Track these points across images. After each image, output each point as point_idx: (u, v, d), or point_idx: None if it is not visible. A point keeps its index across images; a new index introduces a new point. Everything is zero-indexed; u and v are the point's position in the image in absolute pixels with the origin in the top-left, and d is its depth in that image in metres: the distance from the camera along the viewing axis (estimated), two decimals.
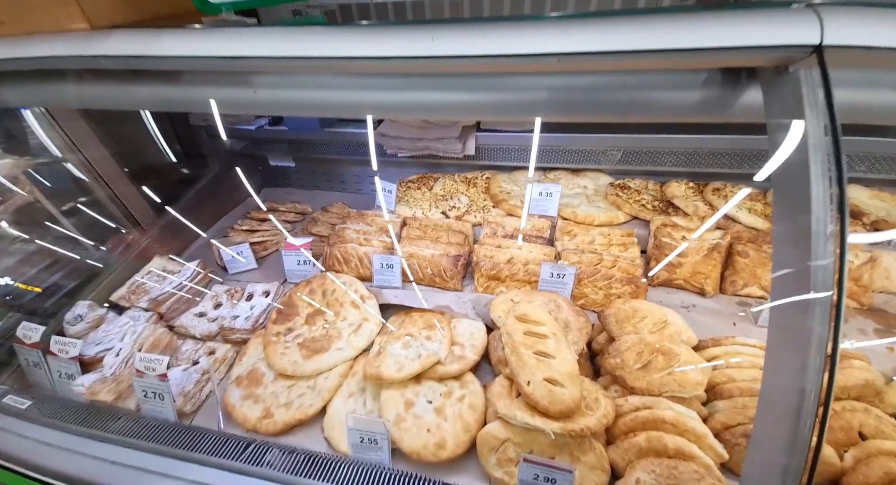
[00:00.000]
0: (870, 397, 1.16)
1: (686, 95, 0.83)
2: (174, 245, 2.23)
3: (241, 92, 1.15)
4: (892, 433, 1.07)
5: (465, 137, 2.04)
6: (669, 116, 0.86)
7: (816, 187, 0.63)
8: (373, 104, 1.13)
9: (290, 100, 1.13)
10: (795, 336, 0.61)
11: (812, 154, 0.64)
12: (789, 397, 0.61)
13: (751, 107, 0.80)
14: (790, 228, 0.67)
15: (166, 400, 1.30)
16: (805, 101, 0.66)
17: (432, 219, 2.04)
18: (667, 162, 2.01)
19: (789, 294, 0.66)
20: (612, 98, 0.91)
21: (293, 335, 1.56)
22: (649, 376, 1.19)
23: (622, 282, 1.52)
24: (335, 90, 1.12)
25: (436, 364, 1.34)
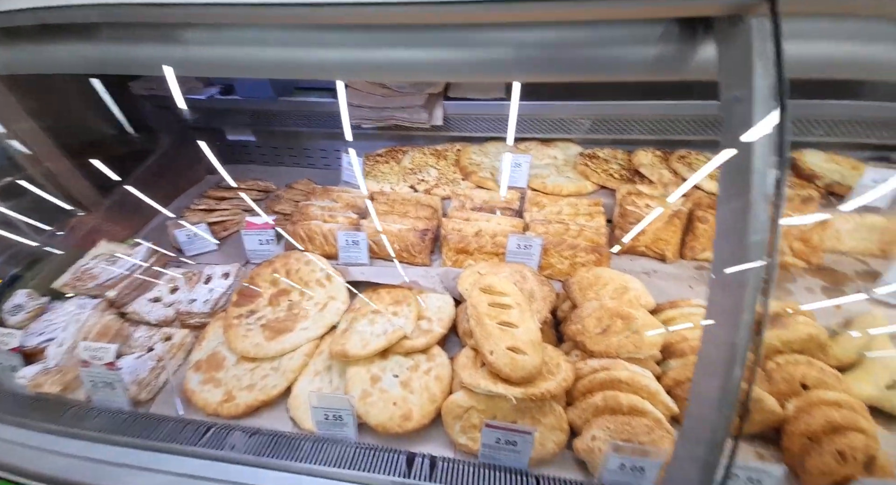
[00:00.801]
0: (813, 350, 1.23)
1: (645, 51, 0.78)
2: (124, 228, 2.07)
3: (169, 49, 1.02)
4: (835, 384, 1.14)
5: (432, 106, 1.94)
6: (630, 74, 0.82)
7: (759, 149, 0.61)
8: (327, 63, 1.03)
9: (228, 58, 1.01)
10: (731, 294, 0.62)
11: (756, 113, 0.62)
12: (723, 351, 0.62)
13: (708, 63, 0.76)
14: (732, 189, 0.66)
15: (117, 389, 1.24)
16: (755, 55, 0.63)
17: (400, 193, 1.98)
18: (635, 130, 1.99)
19: (728, 255, 0.66)
20: (572, 55, 0.86)
21: (256, 317, 1.50)
22: (608, 339, 1.22)
23: (586, 251, 1.53)
24: (280, 47, 1.01)
25: (402, 339, 1.33)
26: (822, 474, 0.98)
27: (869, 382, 1.17)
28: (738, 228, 0.61)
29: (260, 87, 2.02)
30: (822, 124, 1.71)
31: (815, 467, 1.00)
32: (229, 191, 2.22)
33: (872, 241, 1.56)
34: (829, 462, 0.98)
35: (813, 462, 1.00)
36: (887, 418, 1.17)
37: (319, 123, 2.24)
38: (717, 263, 0.67)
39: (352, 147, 2.27)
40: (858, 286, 1.43)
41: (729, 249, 0.63)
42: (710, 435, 0.64)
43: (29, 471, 1.09)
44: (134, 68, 1.14)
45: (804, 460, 1.02)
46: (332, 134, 2.37)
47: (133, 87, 2.21)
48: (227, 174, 2.42)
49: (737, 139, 0.62)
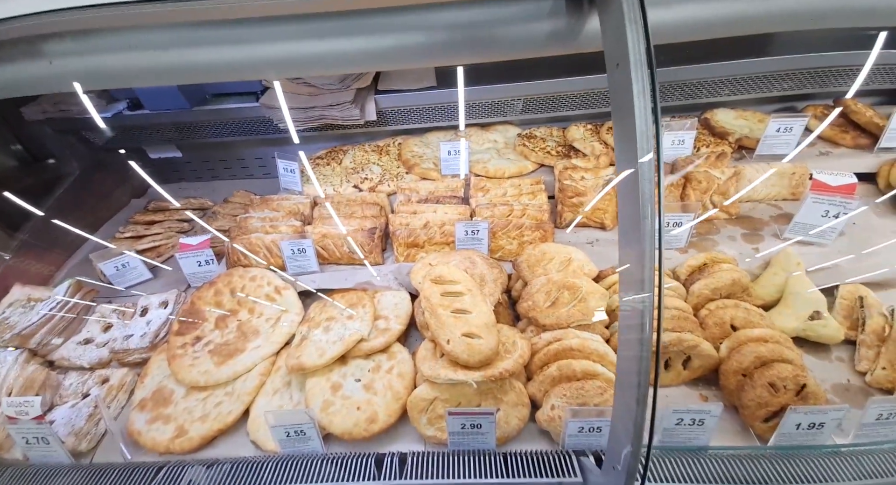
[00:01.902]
0: (738, 293, 1.35)
1: (537, 27, 0.80)
2: (40, 269, 1.87)
3: (32, 66, 0.90)
4: (759, 322, 1.26)
5: (362, 101, 1.89)
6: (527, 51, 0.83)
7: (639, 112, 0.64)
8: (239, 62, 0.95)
9: (101, 68, 0.91)
10: (634, 249, 0.66)
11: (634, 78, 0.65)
12: (635, 303, 0.67)
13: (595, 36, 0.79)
14: (623, 153, 0.69)
15: (52, 443, 1.13)
16: (626, 21, 0.65)
17: (345, 194, 1.92)
18: (566, 106, 2.04)
19: (626, 214, 0.70)
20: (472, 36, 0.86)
21: (202, 343, 1.42)
22: (557, 311, 1.27)
23: (532, 229, 1.57)
24: (173, 48, 0.92)
25: (360, 342, 1.31)
26: (759, 406, 1.09)
27: (792, 316, 1.30)
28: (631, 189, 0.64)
29: (169, 97, 1.86)
30: (728, 84, 1.84)
31: (751, 401, 1.10)
32: (158, 213, 2.06)
33: (783, 186, 1.72)
34: (762, 394, 1.09)
35: (748, 396, 1.11)
36: (814, 346, 1.31)
37: (248, 130, 2.12)
38: (621, 223, 0.71)
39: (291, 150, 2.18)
40: (774, 229, 1.57)
41: (627, 209, 0.67)
42: (635, 383, 0.69)
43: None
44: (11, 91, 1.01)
45: (740, 395, 1.13)
46: (267, 140, 2.25)
47: (26, 112, 1.97)
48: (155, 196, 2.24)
49: (620, 105, 0.65)
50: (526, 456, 1.09)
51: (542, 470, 1.04)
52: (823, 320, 1.26)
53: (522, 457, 1.09)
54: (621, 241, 0.71)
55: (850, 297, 1.32)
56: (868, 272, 1.38)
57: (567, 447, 1.10)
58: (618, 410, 0.81)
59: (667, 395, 1.23)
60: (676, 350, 1.20)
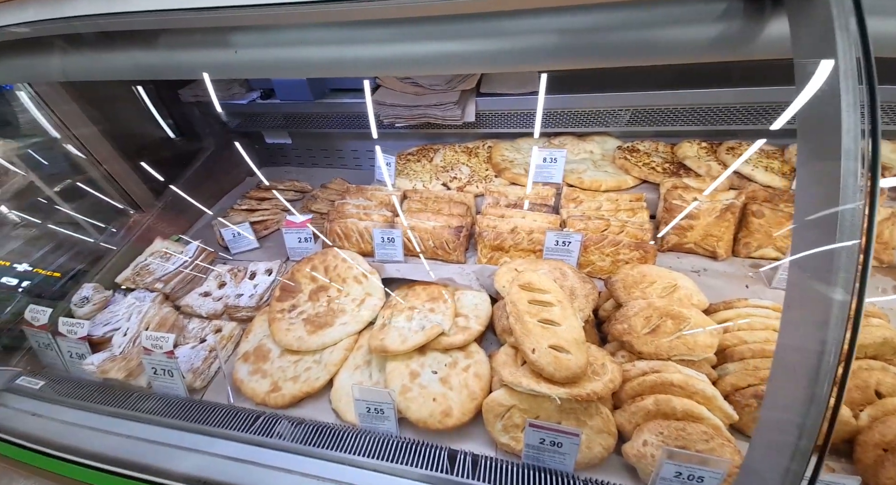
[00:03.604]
0: (888, 355, 1.12)
1: (705, 30, 0.74)
2: (175, 227, 2.21)
3: (220, 53, 1.07)
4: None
5: (465, 103, 1.93)
6: (686, 56, 0.77)
7: (847, 129, 0.55)
8: (363, 60, 1.04)
9: (274, 59, 1.05)
10: (815, 291, 0.57)
11: (844, 93, 0.56)
12: (806, 355, 0.57)
13: (776, 41, 0.71)
14: (815, 177, 0.60)
15: (175, 377, 1.32)
16: (836, 30, 0.57)
17: (433, 191, 1.98)
18: (678, 121, 1.89)
19: (811, 246, 0.60)
20: (621, 39, 0.83)
21: (297, 312, 1.55)
22: (657, 340, 1.16)
23: (630, 247, 1.47)
24: (321, 46, 1.04)
25: (440, 335, 1.33)
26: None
27: None
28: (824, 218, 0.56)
29: (298, 90, 2.08)
30: (888, 111, 1.56)
31: (889, 479, 0.90)
32: (268, 191, 2.32)
33: None
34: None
35: (888, 474, 0.91)
36: None
37: (351, 124, 2.29)
38: (798, 255, 0.62)
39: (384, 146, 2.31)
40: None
41: (812, 239, 0.58)
42: (792, 447, 0.59)
43: (92, 452, 1.17)
44: (186, 73, 1.21)
45: (879, 472, 0.93)
46: (363, 134, 2.42)
47: (182, 94, 2.35)
48: (265, 176, 2.54)
49: (816, 124, 0.57)
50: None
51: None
52: None
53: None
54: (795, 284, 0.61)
55: None
56: None
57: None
58: (751, 471, 0.70)
59: None
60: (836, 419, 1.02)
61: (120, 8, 1.00)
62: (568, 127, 2.06)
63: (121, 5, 0.99)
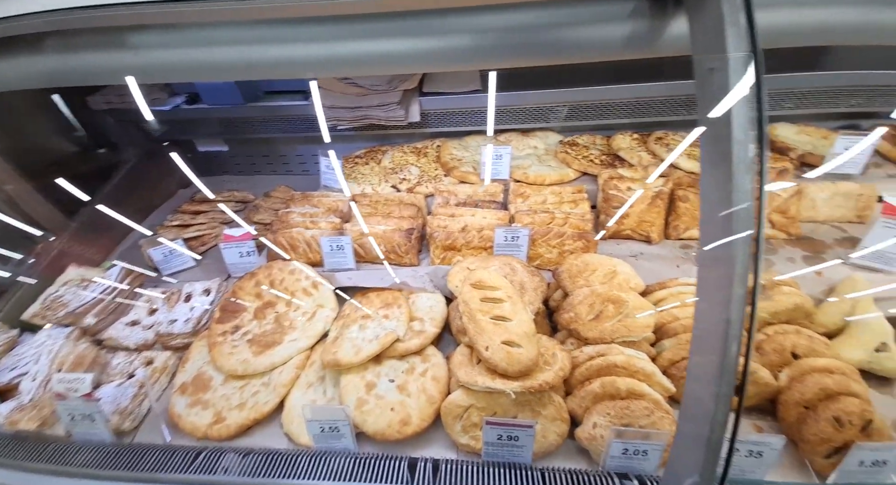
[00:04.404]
0: (800, 319, 1.25)
1: (616, 29, 0.77)
2: (95, 250, 1.98)
3: (118, 56, 0.96)
4: (824, 351, 1.16)
5: (408, 103, 1.90)
6: (602, 54, 0.80)
7: (737, 119, 0.60)
8: (294, 60, 0.98)
9: (182, 61, 0.95)
10: (718, 265, 0.61)
11: (733, 85, 0.61)
12: (717, 326, 0.62)
13: (680, 38, 0.75)
14: (714, 163, 0.65)
15: (98, 421, 1.17)
16: (726, 26, 0.61)
17: (382, 194, 1.93)
18: (612, 114, 1.99)
19: (713, 225, 0.65)
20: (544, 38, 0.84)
21: (241, 333, 1.45)
22: (601, 325, 1.22)
23: (574, 238, 1.52)
24: (237, 45, 0.96)
25: (395, 342, 1.30)
26: (821, 441, 1.00)
27: (857, 346, 1.19)
28: (722, 201, 0.60)
29: (227, 93, 1.94)
30: (791, 97, 1.74)
31: (812, 435, 1.01)
32: (204, 204, 2.14)
33: (848, 208, 1.59)
34: (826, 429, 1.00)
35: (810, 430, 1.02)
36: (879, 380, 1.20)
37: (293, 128, 2.17)
38: (704, 238, 0.66)
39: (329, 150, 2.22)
40: (838, 253, 1.46)
41: (714, 222, 0.63)
42: (712, 412, 0.64)
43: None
44: (88, 79, 1.07)
45: (801, 428, 1.04)
46: (308, 138, 2.31)
47: (91, 101, 2.10)
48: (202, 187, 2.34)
49: (714, 112, 0.61)
50: (564, 474, 1.04)
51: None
52: (890, 353, 1.15)
53: (560, 474, 1.04)
54: (703, 261, 0.66)
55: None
56: None
57: (608, 468, 1.04)
58: (683, 437, 0.75)
59: None
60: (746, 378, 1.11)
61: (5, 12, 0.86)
62: (512, 124, 2.10)
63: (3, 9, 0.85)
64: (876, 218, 1.37)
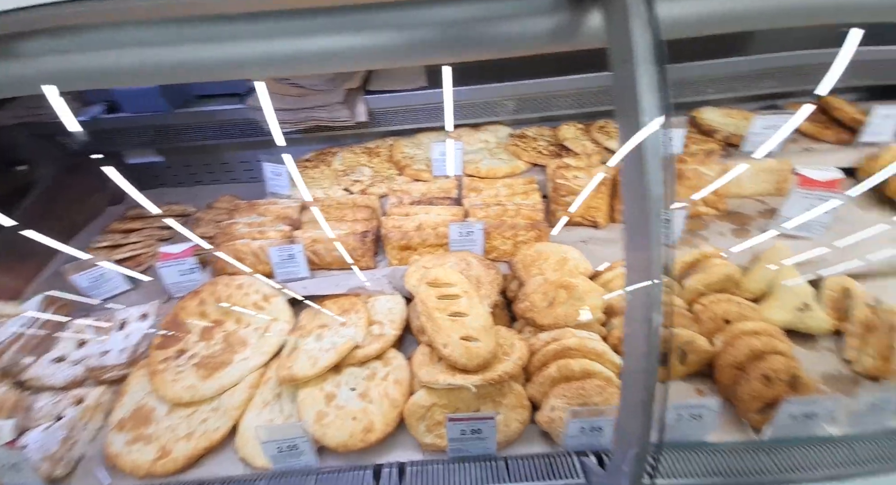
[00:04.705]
0: (731, 288, 1.35)
1: (539, 23, 0.77)
2: (10, 281, 1.76)
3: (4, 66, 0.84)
4: (752, 315, 1.26)
5: (353, 102, 1.85)
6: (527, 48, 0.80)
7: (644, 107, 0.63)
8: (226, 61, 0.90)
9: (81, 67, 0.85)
10: (639, 247, 0.65)
11: (640, 75, 0.63)
12: (642, 297, 0.65)
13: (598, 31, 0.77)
14: (629, 151, 0.68)
15: (24, 470, 1.05)
16: (630, 17, 0.64)
17: (335, 197, 1.87)
18: (558, 105, 2.04)
19: (632, 212, 0.69)
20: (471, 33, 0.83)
21: (186, 357, 1.35)
22: (555, 311, 1.25)
23: (526, 229, 1.55)
24: (153, 47, 0.87)
25: (354, 349, 1.26)
26: (753, 398, 1.08)
27: (781, 308, 1.30)
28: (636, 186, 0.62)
29: (150, 99, 1.79)
30: (714, 83, 1.87)
31: (745, 393, 1.09)
32: (137, 221, 1.97)
33: (769, 182, 1.74)
34: (756, 387, 1.08)
35: (743, 389, 1.10)
36: (803, 338, 1.32)
37: (233, 133, 2.05)
38: (626, 219, 0.69)
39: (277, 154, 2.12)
40: (761, 224, 1.59)
41: (631, 205, 0.66)
42: (642, 382, 0.67)
43: None
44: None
45: (735, 388, 1.12)
46: (252, 143, 2.19)
47: None
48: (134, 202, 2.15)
49: (625, 102, 0.63)
50: (526, 459, 1.06)
51: (544, 473, 1.00)
52: (811, 312, 1.27)
53: (523, 460, 1.06)
54: (628, 241, 0.69)
55: (835, 288, 1.33)
56: (852, 264, 1.40)
57: (568, 448, 1.07)
58: (624, 409, 0.78)
59: None
60: (672, 346, 1.18)
61: None
62: (463, 119, 2.10)
63: None
64: (792, 190, 1.50)
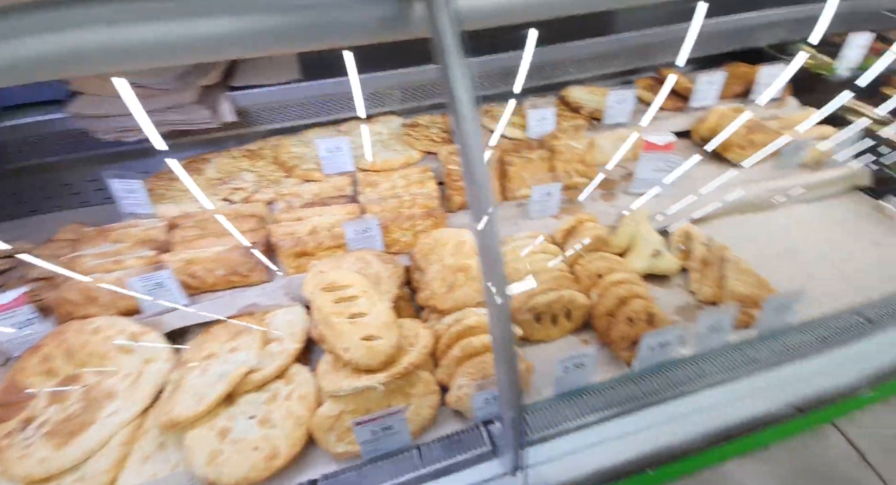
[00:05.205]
0: (602, 246, 1.52)
1: (368, 12, 0.75)
2: None
3: None
4: (618, 267, 1.44)
5: (213, 101, 1.64)
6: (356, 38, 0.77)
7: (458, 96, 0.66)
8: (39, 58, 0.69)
9: None
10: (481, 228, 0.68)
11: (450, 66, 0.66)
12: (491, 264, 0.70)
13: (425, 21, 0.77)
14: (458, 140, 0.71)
15: None
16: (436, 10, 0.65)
17: (212, 209, 1.67)
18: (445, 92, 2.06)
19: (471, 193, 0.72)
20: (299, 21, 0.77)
21: (34, 426, 1.11)
22: (454, 295, 1.29)
23: (422, 218, 1.56)
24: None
25: (248, 374, 1.15)
26: (622, 339, 1.25)
27: (639, 257, 1.51)
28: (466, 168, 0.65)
29: None
30: (573, 64, 2.06)
31: (616, 336, 1.26)
32: None
33: (628, 148, 1.98)
34: (623, 329, 1.25)
35: (614, 333, 1.26)
36: (660, 279, 1.55)
37: (64, 148, 1.69)
38: (470, 205, 0.72)
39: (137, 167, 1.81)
40: (623, 187, 1.82)
41: (469, 186, 0.68)
42: (504, 354, 0.72)
43: None
44: None
45: (609, 333, 1.28)
46: (101, 157, 1.84)
47: None
48: None
49: (448, 92, 0.65)
50: (438, 441, 1.09)
51: (455, 449, 1.05)
52: (663, 257, 1.51)
53: (434, 443, 1.09)
54: (472, 221, 0.72)
55: (680, 234, 1.60)
56: (692, 212, 1.69)
57: (479, 420, 1.12)
58: (498, 378, 0.84)
59: (557, 347, 1.35)
60: (559, 306, 1.31)
61: None
62: (351, 112, 2.00)
63: None
64: (640, 154, 1.73)
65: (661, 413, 1.15)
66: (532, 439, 1.06)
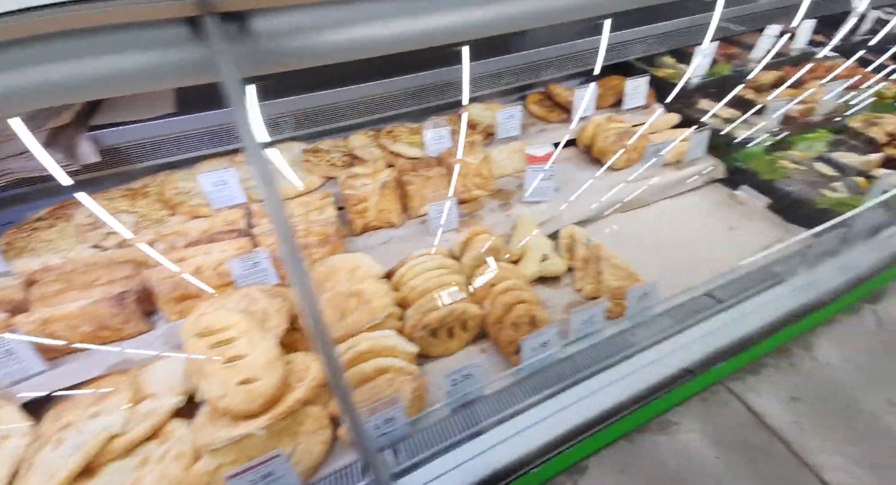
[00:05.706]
0: (498, 256, 1.61)
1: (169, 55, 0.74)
2: None
3: None
4: (509, 275, 1.52)
5: (69, 142, 1.51)
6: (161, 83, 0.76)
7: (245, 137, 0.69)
8: None
9: None
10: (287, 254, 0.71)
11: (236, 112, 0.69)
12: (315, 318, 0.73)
13: None
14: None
15: None
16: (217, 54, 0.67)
17: (80, 259, 1.52)
18: (348, 115, 2.06)
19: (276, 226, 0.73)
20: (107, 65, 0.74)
21: None
22: (345, 322, 1.29)
23: (318, 245, 1.55)
24: None
25: (112, 440, 1.06)
26: (510, 343, 1.33)
27: (531, 262, 1.62)
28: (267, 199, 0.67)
29: None
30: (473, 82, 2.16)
31: (504, 341, 1.34)
32: None
33: (518, 160, 2.12)
34: (509, 333, 1.33)
35: (502, 338, 1.34)
36: (551, 281, 1.67)
37: None
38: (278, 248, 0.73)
39: None
40: (518, 196, 1.94)
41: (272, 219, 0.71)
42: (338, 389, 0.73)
43: None
44: None
45: (498, 339, 1.35)
46: None
47: None
48: None
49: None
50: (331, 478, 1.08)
51: None
52: (551, 260, 1.63)
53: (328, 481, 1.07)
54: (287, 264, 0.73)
55: (566, 236, 1.74)
56: (576, 216, 1.84)
57: (373, 449, 1.12)
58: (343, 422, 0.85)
59: (456, 360, 1.40)
60: (452, 319, 1.36)
61: None
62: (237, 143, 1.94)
63: None
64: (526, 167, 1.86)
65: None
66: (406, 467, 1.09)
